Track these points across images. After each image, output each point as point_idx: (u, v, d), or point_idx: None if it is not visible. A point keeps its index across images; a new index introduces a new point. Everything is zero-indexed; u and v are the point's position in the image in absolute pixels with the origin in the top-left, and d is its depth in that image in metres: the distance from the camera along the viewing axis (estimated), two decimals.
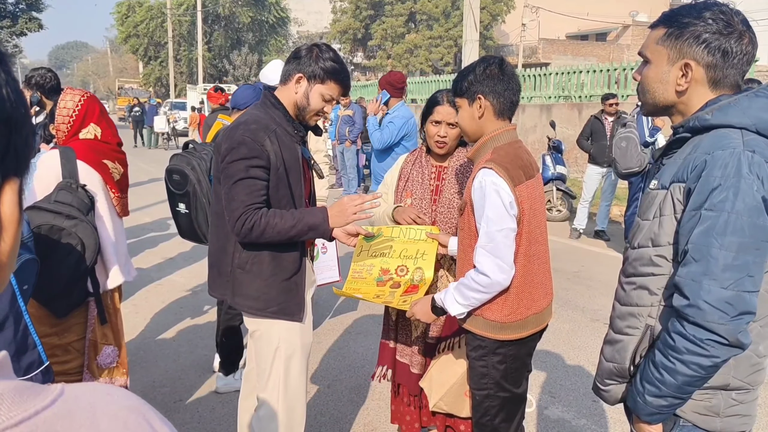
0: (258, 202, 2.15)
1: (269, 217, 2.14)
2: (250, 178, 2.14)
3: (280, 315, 2.31)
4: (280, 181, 2.23)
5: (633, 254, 1.61)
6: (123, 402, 0.51)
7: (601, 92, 13.22)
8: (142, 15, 39.77)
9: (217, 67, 39.26)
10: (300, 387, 2.42)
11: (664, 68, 1.53)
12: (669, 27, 1.52)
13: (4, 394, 0.44)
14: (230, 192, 2.16)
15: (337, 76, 2.28)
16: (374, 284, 2.50)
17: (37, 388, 0.47)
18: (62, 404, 0.47)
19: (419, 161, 2.71)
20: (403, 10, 31.98)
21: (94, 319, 2.74)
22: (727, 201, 1.34)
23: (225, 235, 2.30)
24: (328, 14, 36.90)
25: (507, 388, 2.22)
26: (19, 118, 0.50)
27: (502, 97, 2.10)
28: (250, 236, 2.14)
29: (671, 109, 1.59)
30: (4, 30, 31.53)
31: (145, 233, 8.20)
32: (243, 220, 2.12)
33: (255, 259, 2.26)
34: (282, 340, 2.35)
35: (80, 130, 2.71)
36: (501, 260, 2.00)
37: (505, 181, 1.99)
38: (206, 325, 4.88)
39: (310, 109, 2.31)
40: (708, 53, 1.46)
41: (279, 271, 2.28)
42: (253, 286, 2.27)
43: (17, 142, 0.50)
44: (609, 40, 36.38)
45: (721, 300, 1.33)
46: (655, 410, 1.49)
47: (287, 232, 2.16)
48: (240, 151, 2.14)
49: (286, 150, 2.24)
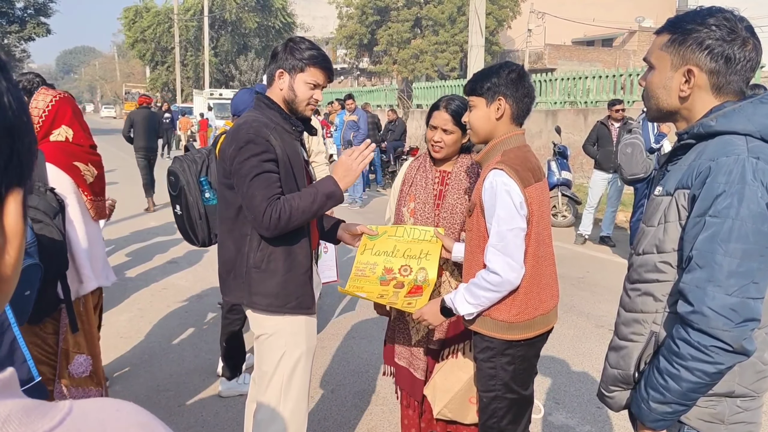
0: (276, 193, 2.19)
1: (290, 201, 2.18)
2: (265, 172, 2.19)
3: (299, 309, 2.35)
4: (288, 175, 2.28)
5: (638, 261, 1.61)
6: (132, 418, 0.50)
7: (607, 98, 13.21)
8: (150, 20, 39.98)
9: (224, 72, 39.43)
10: (303, 393, 2.43)
11: (668, 74, 1.54)
12: (673, 33, 1.52)
13: (12, 414, 0.43)
14: (249, 190, 2.18)
15: (315, 61, 2.33)
16: (377, 283, 2.50)
17: (45, 407, 0.46)
18: (71, 423, 0.45)
19: (423, 166, 2.72)
20: (409, 15, 32.02)
21: (65, 327, 2.64)
22: (732, 207, 1.34)
23: (241, 237, 2.32)
24: (334, 19, 36.96)
25: (515, 390, 2.23)
26: (22, 126, 0.49)
27: (521, 103, 2.15)
28: (280, 225, 2.17)
29: (675, 115, 1.59)
30: (13, 35, 31.78)
31: (152, 237, 8.23)
32: (269, 212, 2.14)
33: (270, 257, 2.29)
34: (288, 346, 2.36)
35: (50, 131, 2.63)
36: (511, 259, 2.04)
37: (515, 182, 2.03)
38: (210, 330, 4.88)
39: (299, 100, 2.35)
40: (711, 59, 1.46)
41: (294, 267, 2.32)
42: (271, 283, 2.30)
43: (20, 151, 0.49)
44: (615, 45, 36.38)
45: (725, 307, 1.33)
46: (659, 417, 1.48)
47: (310, 207, 2.21)
48: (249, 149, 2.19)
49: (288, 146, 2.30)
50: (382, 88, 24.37)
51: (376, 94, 23.55)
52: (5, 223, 0.49)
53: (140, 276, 6.41)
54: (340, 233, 2.68)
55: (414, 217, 2.68)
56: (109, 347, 4.42)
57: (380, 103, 22.05)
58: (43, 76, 4.03)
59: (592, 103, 13.83)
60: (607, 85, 13.74)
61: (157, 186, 10.16)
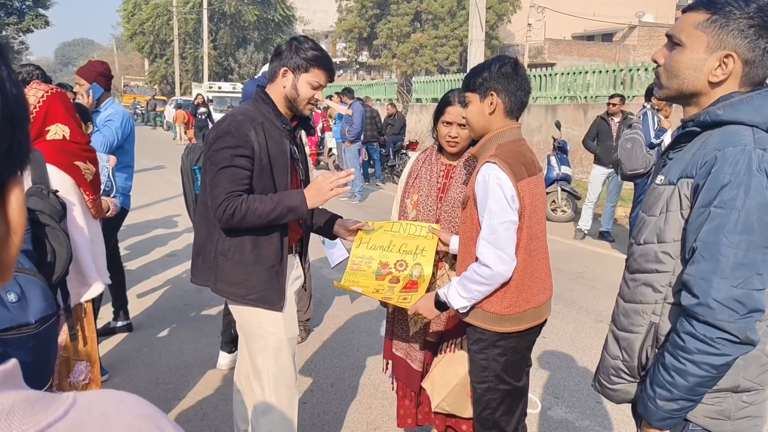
0: (240, 189, 2.24)
1: (249, 202, 2.22)
2: (234, 166, 2.24)
3: (260, 303, 2.38)
4: (263, 171, 2.31)
5: (638, 250, 1.60)
6: (136, 411, 0.50)
7: (607, 93, 13.19)
8: (149, 13, 39.87)
9: (223, 65, 39.36)
10: (290, 380, 2.47)
11: (701, 55, 1.46)
12: (713, 13, 1.43)
13: (15, 406, 0.43)
14: (214, 179, 2.24)
15: (319, 62, 2.37)
16: (373, 278, 2.51)
17: (49, 399, 0.46)
18: (75, 415, 0.46)
19: (429, 159, 2.74)
20: (409, 9, 31.90)
21: (64, 335, 2.54)
22: (738, 198, 1.33)
23: (212, 223, 2.36)
24: (333, 13, 36.83)
25: (507, 381, 2.25)
26: (22, 113, 0.49)
27: (514, 96, 2.15)
28: (232, 221, 2.22)
29: (692, 99, 1.53)
30: (11, 27, 31.64)
31: (151, 230, 8.22)
32: (225, 206, 2.20)
33: (237, 247, 2.33)
34: (268, 336, 2.40)
35: (43, 129, 2.54)
36: (502, 251, 2.05)
37: (507, 176, 2.03)
38: (210, 323, 4.88)
39: (300, 99, 2.40)
40: (751, 49, 1.41)
41: (260, 260, 2.35)
42: (235, 272, 2.35)
43: (20, 138, 0.49)
44: (615, 40, 36.28)
45: (731, 298, 1.32)
46: (666, 414, 1.46)
47: (267, 215, 2.24)
48: (225, 140, 2.25)
49: (272, 142, 2.33)
50: (382, 82, 24.35)
51: (375, 88, 23.50)
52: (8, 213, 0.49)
53: (140, 269, 6.40)
54: (336, 228, 2.72)
55: (417, 209, 2.69)
56: (108, 340, 4.42)
57: (380, 97, 22.02)
58: (42, 68, 4.01)
59: (592, 98, 13.81)
60: (607, 80, 13.72)
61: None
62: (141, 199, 10.40)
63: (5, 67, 0.48)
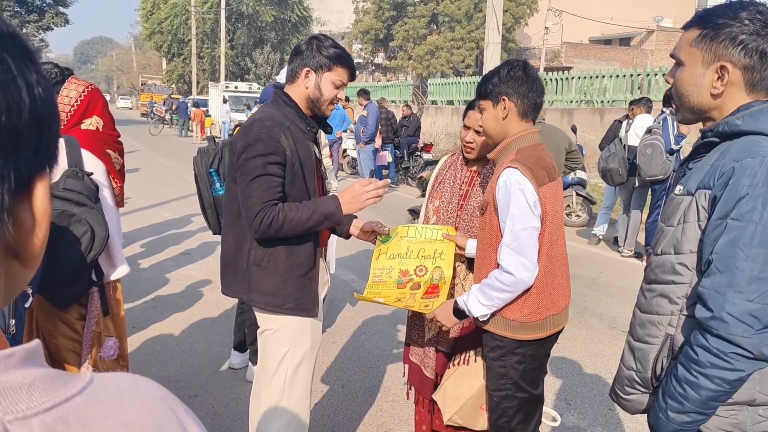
0: (274, 198, 2.17)
1: (286, 211, 2.16)
2: (267, 174, 2.16)
3: (296, 311, 2.32)
4: (296, 176, 2.25)
5: (655, 261, 1.59)
6: (150, 392, 0.53)
7: (624, 97, 13.12)
8: (167, 12, 40.14)
9: (240, 65, 39.52)
10: (305, 390, 2.42)
11: (699, 71, 1.48)
12: (703, 28, 1.46)
13: (36, 380, 0.46)
14: (247, 189, 2.17)
15: (342, 60, 2.31)
16: (394, 287, 2.48)
17: (68, 377, 0.49)
18: (92, 392, 0.48)
19: (455, 165, 2.71)
20: (426, 11, 31.90)
21: (97, 311, 2.67)
22: (755, 211, 1.31)
23: (242, 233, 2.31)
24: (350, 14, 36.89)
25: (525, 389, 2.22)
26: (50, 115, 0.51)
27: (527, 99, 2.12)
28: (269, 232, 2.15)
29: (704, 114, 1.53)
30: (32, 24, 32.03)
31: (166, 229, 8.27)
32: (261, 216, 2.13)
33: (271, 256, 2.27)
34: (292, 343, 2.35)
35: (81, 120, 2.67)
36: (525, 258, 2.02)
37: (529, 181, 2.01)
38: (223, 322, 4.90)
39: (323, 99, 2.34)
40: (745, 55, 1.41)
41: (295, 267, 2.29)
42: (270, 282, 2.28)
43: (48, 139, 0.51)
44: (633, 44, 36.01)
45: (746, 313, 1.30)
46: (678, 427, 1.45)
47: (304, 223, 2.18)
48: (257, 147, 2.16)
49: (300, 146, 2.26)
50: (397, 83, 24.33)
51: (390, 89, 23.51)
52: (34, 206, 0.51)
53: (154, 267, 6.45)
54: (351, 229, 2.68)
55: (437, 215, 2.67)
56: None
57: (395, 98, 22.02)
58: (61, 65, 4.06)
59: (609, 102, 13.73)
60: (624, 84, 13.63)
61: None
62: (156, 197, 10.49)
63: (35, 72, 0.50)
